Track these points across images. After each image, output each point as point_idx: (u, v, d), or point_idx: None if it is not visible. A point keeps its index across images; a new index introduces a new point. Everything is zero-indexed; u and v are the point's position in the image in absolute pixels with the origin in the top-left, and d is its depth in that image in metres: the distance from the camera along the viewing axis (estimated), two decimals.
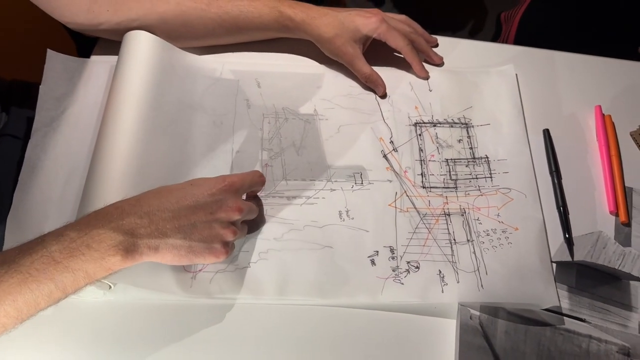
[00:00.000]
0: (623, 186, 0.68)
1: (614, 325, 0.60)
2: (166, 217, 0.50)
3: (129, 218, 0.49)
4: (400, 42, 0.73)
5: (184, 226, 0.51)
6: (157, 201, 0.51)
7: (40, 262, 0.45)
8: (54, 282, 0.45)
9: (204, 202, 0.53)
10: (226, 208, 0.54)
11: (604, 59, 0.79)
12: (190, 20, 0.70)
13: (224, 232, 0.54)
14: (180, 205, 0.51)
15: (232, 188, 0.55)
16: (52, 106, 0.69)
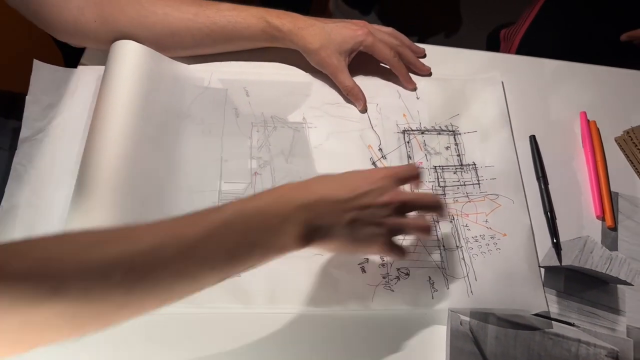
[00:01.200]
0: (609, 191, 0.69)
1: (603, 329, 0.60)
2: (334, 207, 0.49)
3: (303, 205, 0.48)
4: (387, 54, 0.74)
5: (351, 217, 0.50)
6: (325, 190, 0.50)
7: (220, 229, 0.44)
8: (230, 253, 0.45)
9: (368, 191, 0.51)
10: (388, 197, 0.51)
11: (588, 66, 0.80)
12: (178, 31, 0.70)
13: (388, 223, 0.52)
14: (348, 195, 0.50)
15: (394, 177, 0.53)
16: (39, 116, 0.68)
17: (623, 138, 0.74)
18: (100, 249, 0.41)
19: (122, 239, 0.42)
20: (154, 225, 0.44)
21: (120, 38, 0.69)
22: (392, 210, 0.52)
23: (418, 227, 0.54)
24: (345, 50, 0.72)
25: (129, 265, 0.41)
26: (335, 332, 0.58)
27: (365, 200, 0.51)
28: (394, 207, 0.52)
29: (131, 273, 0.41)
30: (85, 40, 0.71)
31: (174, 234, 0.43)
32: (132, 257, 0.41)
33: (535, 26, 1.07)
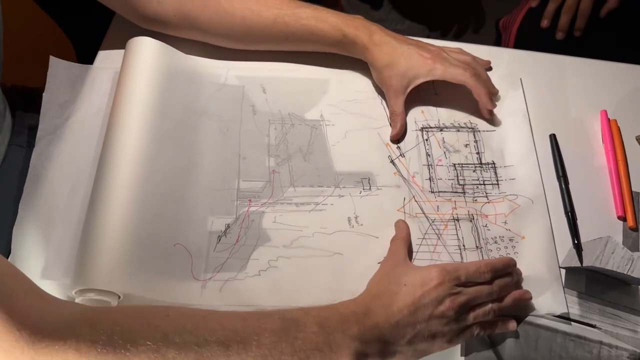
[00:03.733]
0: (630, 191, 0.68)
1: (624, 331, 0.60)
2: (391, 335, 0.51)
3: (359, 338, 0.49)
4: (462, 76, 0.69)
5: (411, 337, 0.51)
6: (383, 317, 0.51)
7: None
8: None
9: (427, 304, 0.52)
10: (448, 305, 0.53)
11: (609, 63, 0.79)
12: (253, 33, 0.71)
13: (448, 329, 0.53)
14: (406, 319, 0.51)
15: (453, 280, 0.54)
16: (56, 114, 0.68)
17: None
18: (179, 338, 0.44)
19: (196, 332, 0.45)
20: (226, 321, 0.47)
21: (198, 32, 0.72)
22: (453, 314, 0.53)
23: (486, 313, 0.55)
24: (409, 76, 0.69)
25: (198, 358, 0.44)
26: None
27: (422, 316, 0.52)
28: (456, 310, 0.53)
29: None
30: (166, 30, 0.73)
31: (244, 338, 0.46)
32: (202, 352, 0.45)
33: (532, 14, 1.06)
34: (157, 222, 0.59)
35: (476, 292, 0.55)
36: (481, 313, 0.55)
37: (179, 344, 0.44)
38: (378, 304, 0.52)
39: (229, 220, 0.63)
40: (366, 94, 0.74)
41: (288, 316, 0.49)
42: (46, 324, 0.43)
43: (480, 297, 0.55)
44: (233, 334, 0.46)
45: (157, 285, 0.56)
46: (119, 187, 0.58)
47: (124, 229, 0.56)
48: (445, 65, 0.69)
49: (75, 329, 0.43)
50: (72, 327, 0.43)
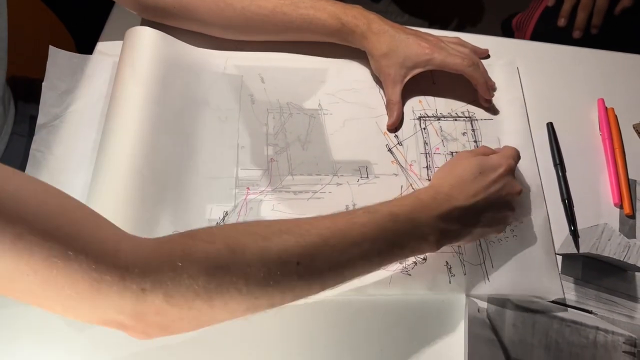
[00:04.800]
0: (627, 179, 0.69)
1: (621, 317, 0.60)
2: (468, 215, 0.55)
3: (441, 216, 0.53)
4: (460, 65, 0.69)
5: (481, 219, 0.56)
6: (461, 196, 0.55)
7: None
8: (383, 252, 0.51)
9: (495, 192, 0.57)
10: (512, 193, 0.58)
11: (606, 52, 0.80)
12: (253, 24, 0.71)
13: (509, 214, 0.59)
14: (478, 200, 0.56)
15: (512, 171, 0.59)
16: (55, 103, 0.69)
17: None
18: (279, 238, 0.46)
19: (294, 231, 0.47)
20: (318, 222, 0.49)
21: (197, 23, 0.73)
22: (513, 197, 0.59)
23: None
24: (407, 66, 0.70)
25: (301, 253, 0.46)
26: (352, 317, 0.58)
27: (494, 200, 0.57)
28: (514, 200, 0.59)
29: (303, 261, 0.46)
30: (165, 20, 0.73)
31: (338, 232, 0.48)
32: (305, 248, 0.46)
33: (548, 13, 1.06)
34: (156, 209, 0.59)
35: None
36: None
37: (280, 242, 0.46)
38: (456, 190, 0.55)
39: (228, 208, 0.63)
40: (364, 83, 0.75)
41: (373, 210, 0.52)
42: (141, 243, 0.43)
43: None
44: (326, 230, 0.48)
45: None
46: (118, 176, 0.59)
47: (123, 217, 0.57)
48: (443, 54, 0.69)
49: (174, 241, 0.44)
50: (171, 240, 0.44)
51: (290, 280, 0.45)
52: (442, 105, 0.73)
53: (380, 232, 0.50)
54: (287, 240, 0.46)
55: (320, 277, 0.47)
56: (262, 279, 0.44)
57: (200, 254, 0.43)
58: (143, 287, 0.40)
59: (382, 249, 0.50)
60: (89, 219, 0.42)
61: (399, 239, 0.51)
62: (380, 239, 0.50)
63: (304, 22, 0.71)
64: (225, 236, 0.45)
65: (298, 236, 0.46)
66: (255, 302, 0.45)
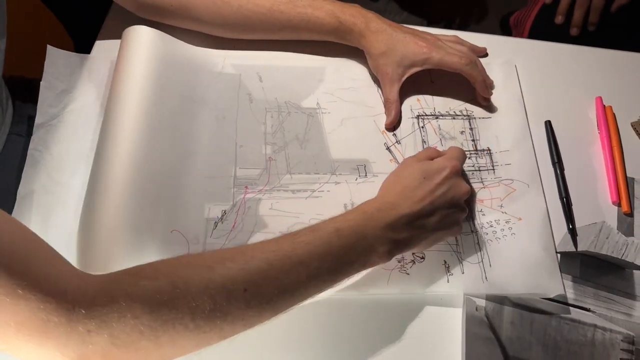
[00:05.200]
0: (625, 177, 0.69)
1: (619, 315, 0.60)
2: (416, 221, 0.55)
3: (389, 225, 0.53)
4: (458, 64, 0.69)
5: (430, 223, 0.56)
6: (407, 204, 0.55)
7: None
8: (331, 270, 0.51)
9: (441, 195, 0.56)
10: (460, 194, 0.58)
11: (604, 50, 0.80)
12: (250, 22, 0.71)
13: (461, 215, 0.59)
14: (424, 205, 0.55)
15: (457, 172, 0.59)
16: (53, 102, 0.69)
17: (639, 122, 0.73)
18: (223, 268, 0.46)
19: (238, 259, 0.47)
20: (262, 246, 0.49)
21: (195, 22, 0.73)
22: (463, 199, 0.59)
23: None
24: (405, 64, 0.70)
25: (247, 280, 0.46)
26: (351, 316, 0.58)
27: (442, 203, 0.56)
28: (463, 200, 0.59)
29: (250, 288, 0.46)
30: (163, 19, 0.73)
31: (282, 254, 0.48)
32: (250, 274, 0.46)
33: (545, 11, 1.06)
34: (154, 209, 0.59)
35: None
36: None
37: (225, 272, 0.45)
38: (401, 198, 0.55)
39: (226, 207, 0.63)
40: (362, 82, 0.75)
41: (316, 228, 0.51)
42: (89, 282, 0.43)
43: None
44: (270, 253, 0.48)
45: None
46: (116, 175, 0.59)
47: (121, 216, 0.57)
48: (441, 53, 0.69)
49: (119, 280, 0.44)
50: (116, 280, 0.44)
51: (238, 309, 0.45)
52: (440, 103, 0.73)
53: (326, 249, 0.50)
54: (231, 269, 0.46)
55: (269, 302, 0.47)
56: (209, 312, 0.44)
57: (142, 292, 0.42)
58: (89, 329, 0.40)
59: (330, 266, 0.50)
60: (41, 254, 0.42)
61: (346, 253, 0.51)
62: (326, 256, 0.49)
63: (301, 20, 0.71)
64: (168, 271, 0.45)
65: (243, 263, 0.46)
66: (205, 337, 0.44)
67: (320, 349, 0.57)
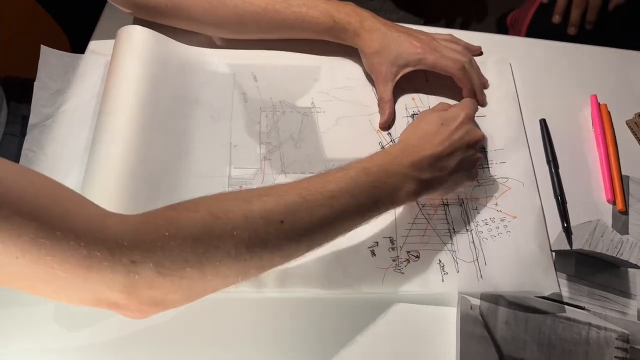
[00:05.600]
0: (620, 175, 0.68)
1: (613, 313, 0.60)
2: (438, 162, 0.58)
3: (414, 165, 0.56)
4: (451, 68, 0.70)
5: (451, 164, 0.59)
6: (429, 150, 0.57)
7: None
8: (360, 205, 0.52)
9: (459, 138, 0.60)
10: (475, 138, 0.61)
11: (599, 48, 0.80)
12: (246, 22, 0.71)
13: (477, 157, 0.63)
14: (445, 147, 0.58)
15: (471, 118, 0.62)
16: (47, 103, 0.68)
17: (634, 121, 0.73)
18: (260, 201, 0.47)
19: (273, 194, 0.49)
20: (295, 184, 0.51)
21: (190, 22, 0.73)
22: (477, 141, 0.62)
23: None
24: (399, 64, 0.70)
25: (284, 212, 0.47)
26: (345, 315, 0.58)
27: (460, 146, 0.59)
28: (478, 143, 0.62)
29: (286, 219, 0.47)
30: (158, 18, 0.73)
31: (314, 189, 0.50)
32: (286, 206, 0.48)
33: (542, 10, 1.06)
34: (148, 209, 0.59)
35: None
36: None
37: (262, 204, 0.47)
38: (422, 141, 0.58)
39: None
40: (357, 81, 0.74)
41: (345, 167, 0.54)
42: (127, 217, 0.43)
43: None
44: (303, 189, 0.50)
45: None
46: (110, 176, 0.58)
47: None
48: (435, 55, 0.70)
49: (159, 213, 0.45)
50: (156, 212, 0.45)
51: (276, 239, 0.47)
52: (435, 102, 0.73)
53: (356, 185, 0.52)
54: (267, 202, 0.47)
55: (305, 233, 0.49)
56: (249, 240, 0.45)
57: (185, 222, 0.43)
58: (133, 260, 0.40)
59: (361, 201, 0.52)
60: (74, 199, 0.43)
61: (375, 189, 0.53)
62: (356, 191, 0.52)
63: (296, 19, 0.71)
64: (207, 204, 0.46)
65: (278, 197, 0.48)
66: (245, 265, 0.46)
67: (314, 347, 0.56)
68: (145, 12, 0.72)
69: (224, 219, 0.45)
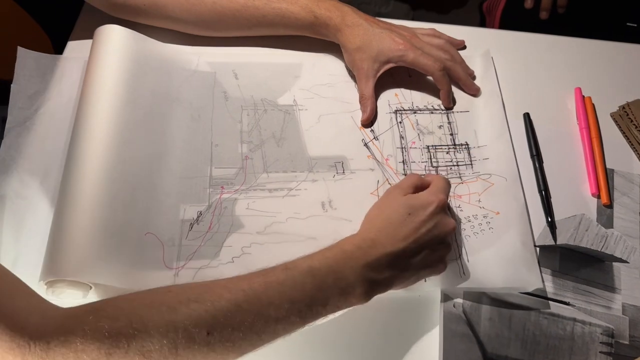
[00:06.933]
0: (604, 168, 0.68)
1: (598, 307, 0.60)
2: (398, 261, 0.52)
3: (368, 265, 0.50)
4: (431, 67, 0.69)
5: (414, 263, 0.53)
6: (389, 242, 0.52)
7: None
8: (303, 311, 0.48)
9: (427, 232, 0.53)
10: (446, 231, 0.55)
11: (582, 40, 0.79)
12: (225, 19, 0.71)
13: (445, 252, 0.56)
14: (409, 244, 0.52)
15: (444, 206, 0.56)
16: (25, 105, 0.67)
17: (619, 114, 0.73)
18: (187, 309, 0.44)
19: (204, 299, 0.45)
20: (232, 284, 0.47)
21: (169, 20, 0.71)
22: (449, 235, 0.56)
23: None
24: (380, 60, 0.69)
25: (212, 323, 0.44)
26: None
27: (426, 241, 0.54)
28: (449, 237, 0.57)
29: (214, 331, 0.44)
30: (136, 18, 0.72)
31: (252, 294, 0.46)
32: (215, 316, 0.44)
33: None
34: (127, 211, 0.58)
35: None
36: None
37: (188, 313, 0.44)
38: (383, 235, 0.52)
39: (201, 207, 0.62)
40: (339, 77, 0.74)
41: (291, 266, 0.49)
42: (49, 318, 0.42)
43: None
44: (241, 293, 0.46)
45: (128, 274, 0.56)
46: (88, 177, 0.58)
47: (94, 219, 0.56)
48: (417, 53, 0.69)
49: (79, 317, 0.43)
50: (76, 316, 0.43)
51: (200, 352, 0.44)
52: (419, 98, 0.72)
53: (299, 290, 0.47)
54: (195, 310, 0.44)
55: (234, 345, 0.45)
56: (168, 354, 0.43)
57: (100, 333, 0.42)
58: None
59: (302, 308, 0.47)
60: (6, 287, 0.42)
61: (320, 295, 0.48)
62: (299, 297, 0.47)
63: (276, 16, 0.70)
64: (129, 311, 0.44)
65: (209, 304, 0.44)
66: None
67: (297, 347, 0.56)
68: (123, 11, 0.71)
69: (143, 332, 0.42)
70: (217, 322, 0.44)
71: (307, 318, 0.48)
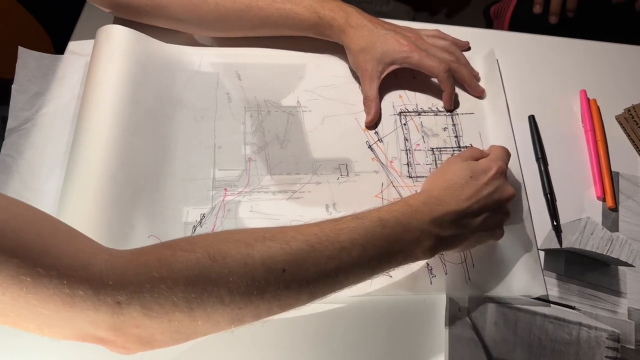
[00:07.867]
0: (610, 171, 0.68)
1: (604, 312, 0.59)
2: (461, 220, 0.53)
3: (435, 221, 0.51)
4: (436, 70, 0.68)
5: (475, 224, 0.54)
6: (452, 204, 0.53)
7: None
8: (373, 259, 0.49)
9: (488, 195, 0.55)
10: (505, 196, 0.57)
11: (586, 42, 0.79)
12: (229, 20, 0.70)
13: (504, 218, 0.58)
14: (471, 204, 0.54)
15: (503, 173, 0.57)
16: (26, 106, 0.67)
17: (624, 116, 0.72)
18: (263, 245, 0.44)
19: (278, 238, 0.45)
20: (304, 229, 0.47)
21: (171, 20, 0.70)
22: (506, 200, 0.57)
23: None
24: (385, 61, 0.69)
25: (287, 260, 0.44)
26: (333, 318, 0.57)
27: (488, 204, 0.55)
28: (507, 202, 0.58)
29: (289, 268, 0.44)
30: (138, 18, 0.71)
31: (324, 237, 0.47)
32: (290, 254, 0.45)
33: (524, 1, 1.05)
34: (130, 214, 0.58)
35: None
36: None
37: (264, 249, 0.44)
38: (447, 194, 0.54)
39: (205, 210, 0.62)
40: (343, 79, 0.73)
41: (360, 215, 0.50)
42: (117, 256, 0.42)
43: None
44: (312, 236, 0.46)
45: None
46: (90, 180, 0.57)
47: (96, 222, 0.55)
48: (421, 55, 0.68)
49: (152, 251, 0.43)
50: (148, 251, 0.43)
51: (276, 289, 0.44)
52: (423, 100, 0.72)
53: (370, 238, 0.48)
54: (271, 247, 0.44)
55: (308, 285, 0.45)
56: (246, 288, 0.43)
57: (178, 264, 0.41)
58: (118, 300, 0.39)
59: (372, 255, 0.48)
60: (59, 232, 0.41)
61: (389, 245, 0.49)
62: (369, 245, 0.48)
63: (280, 16, 0.69)
64: (206, 244, 0.43)
65: (283, 242, 0.45)
66: (240, 313, 0.43)
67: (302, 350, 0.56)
68: (125, 11, 0.70)
69: (221, 263, 0.42)
70: (292, 260, 0.44)
71: (376, 266, 0.49)
